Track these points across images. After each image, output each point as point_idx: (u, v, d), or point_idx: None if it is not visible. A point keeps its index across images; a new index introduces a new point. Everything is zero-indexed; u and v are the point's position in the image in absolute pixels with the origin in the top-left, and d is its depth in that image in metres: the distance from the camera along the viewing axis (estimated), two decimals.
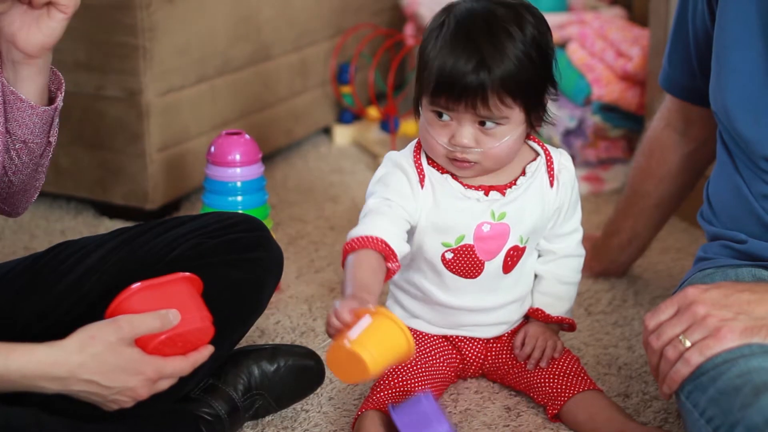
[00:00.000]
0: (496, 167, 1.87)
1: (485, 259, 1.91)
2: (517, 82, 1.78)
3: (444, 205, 1.88)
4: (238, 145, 2.40)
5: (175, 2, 2.77)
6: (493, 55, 1.77)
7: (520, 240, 1.92)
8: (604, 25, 3.14)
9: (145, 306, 1.58)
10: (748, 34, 1.80)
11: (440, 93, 1.80)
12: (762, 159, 1.78)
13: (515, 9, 1.83)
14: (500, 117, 1.80)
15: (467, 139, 1.82)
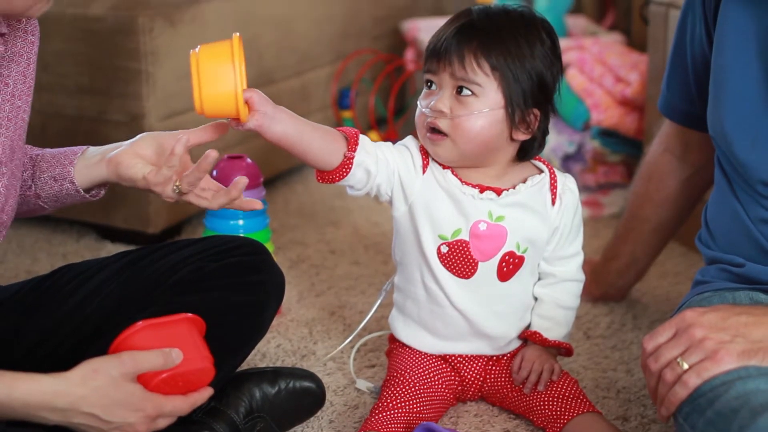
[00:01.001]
0: (468, 148, 1.88)
1: (479, 259, 1.92)
2: (497, 55, 1.84)
3: (441, 196, 1.91)
4: (240, 168, 2.41)
5: (177, 27, 2.79)
6: (484, 25, 1.86)
7: (516, 247, 1.93)
8: (603, 50, 3.16)
9: (148, 344, 1.60)
10: (745, 59, 1.82)
11: (428, 56, 1.88)
12: (759, 183, 1.79)
13: (533, 18, 1.90)
14: (474, 82, 1.84)
15: (442, 104, 1.86)
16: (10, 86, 1.70)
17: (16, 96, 1.71)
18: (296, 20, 3.26)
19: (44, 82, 2.62)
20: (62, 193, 1.82)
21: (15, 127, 1.71)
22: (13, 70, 1.70)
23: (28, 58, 1.73)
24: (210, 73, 1.71)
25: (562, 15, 3.42)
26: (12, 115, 1.70)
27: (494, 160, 1.92)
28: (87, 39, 2.78)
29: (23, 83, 1.72)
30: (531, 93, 1.87)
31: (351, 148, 1.87)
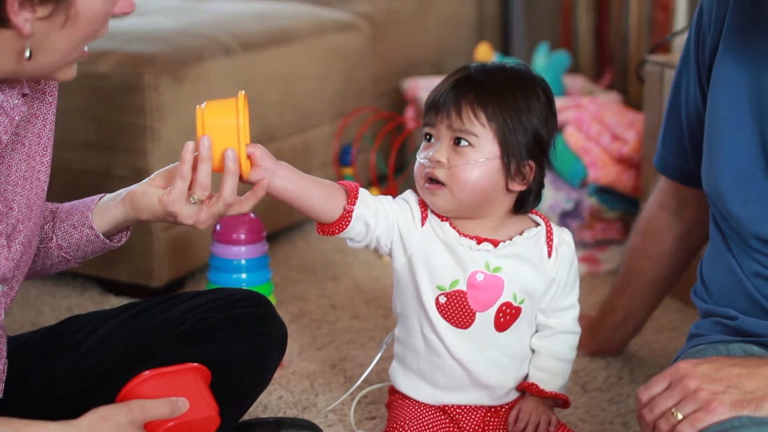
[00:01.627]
0: (464, 198, 1.91)
1: (477, 310, 1.95)
2: (494, 107, 1.89)
3: (439, 247, 1.95)
4: (244, 223, 2.46)
5: (182, 84, 2.84)
6: (482, 78, 1.91)
7: (513, 298, 1.96)
8: (600, 109, 3.19)
9: (155, 392, 1.63)
10: (738, 117, 1.85)
11: (427, 109, 1.93)
12: (752, 238, 1.83)
13: (530, 75, 1.96)
14: (470, 132, 1.89)
15: (439, 154, 1.90)
16: (26, 146, 1.73)
17: (31, 156, 1.74)
18: (298, 79, 3.31)
19: None
20: (83, 240, 1.85)
21: (31, 186, 1.74)
22: (29, 131, 1.74)
23: (44, 119, 1.76)
24: (214, 128, 1.76)
25: (560, 74, 3.46)
26: (28, 175, 1.74)
27: (491, 211, 1.96)
28: (94, 95, 2.83)
29: (38, 144, 1.75)
30: (526, 145, 1.91)
31: (350, 202, 1.91)
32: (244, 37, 3.11)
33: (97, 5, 1.57)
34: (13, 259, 1.70)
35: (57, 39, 1.57)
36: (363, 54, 3.62)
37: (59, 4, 1.53)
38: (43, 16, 1.53)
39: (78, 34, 1.58)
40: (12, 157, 1.71)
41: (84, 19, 1.56)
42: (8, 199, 1.70)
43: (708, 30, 1.95)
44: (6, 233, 1.69)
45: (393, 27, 3.82)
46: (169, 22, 3.18)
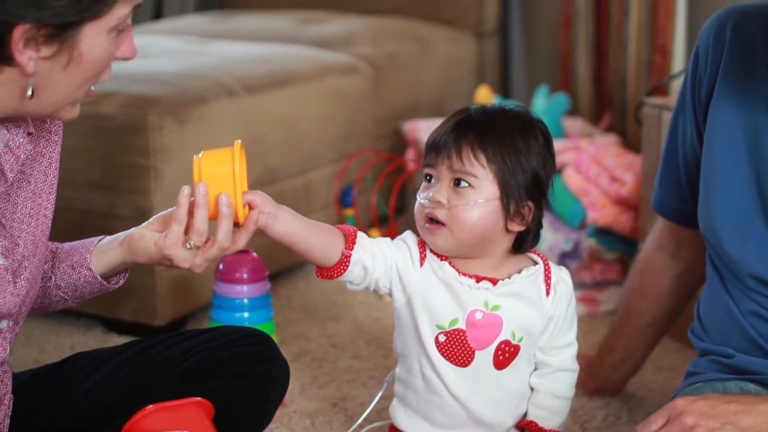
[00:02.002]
0: (464, 236, 1.93)
1: (476, 348, 1.96)
2: (494, 149, 1.91)
3: (438, 287, 1.96)
4: (246, 262, 2.48)
5: (185, 125, 2.87)
6: (481, 120, 1.94)
7: (512, 336, 1.97)
8: (598, 151, 3.22)
9: (159, 426, 1.66)
10: (734, 158, 1.88)
11: (429, 149, 1.96)
12: (749, 277, 1.85)
13: (528, 116, 1.98)
14: (470, 173, 1.91)
15: (440, 195, 1.93)
16: (32, 184, 1.76)
17: (37, 194, 1.76)
18: (301, 121, 3.33)
19: None
20: (80, 281, 1.88)
21: (37, 224, 1.77)
22: (35, 169, 1.76)
23: (50, 158, 1.79)
24: (210, 177, 1.79)
25: (559, 117, 3.49)
26: (34, 212, 1.76)
27: (490, 250, 1.98)
28: (98, 136, 2.85)
29: (44, 182, 1.77)
30: (525, 186, 1.94)
31: (348, 246, 1.94)
32: (247, 79, 3.15)
33: (100, 48, 1.60)
34: (18, 295, 1.72)
35: (60, 79, 1.60)
36: (364, 96, 3.66)
37: (63, 45, 1.56)
38: (47, 55, 1.56)
39: (81, 75, 1.61)
40: (18, 194, 1.74)
41: (87, 61, 1.60)
42: (14, 236, 1.73)
43: (704, 73, 1.98)
44: (12, 269, 1.71)
45: (394, 70, 3.85)
46: (173, 64, 3.21)
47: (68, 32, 1.56)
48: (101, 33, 1.60)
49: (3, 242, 1.71)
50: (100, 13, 1.58)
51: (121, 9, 1.61)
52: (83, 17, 1.56)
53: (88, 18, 1.57)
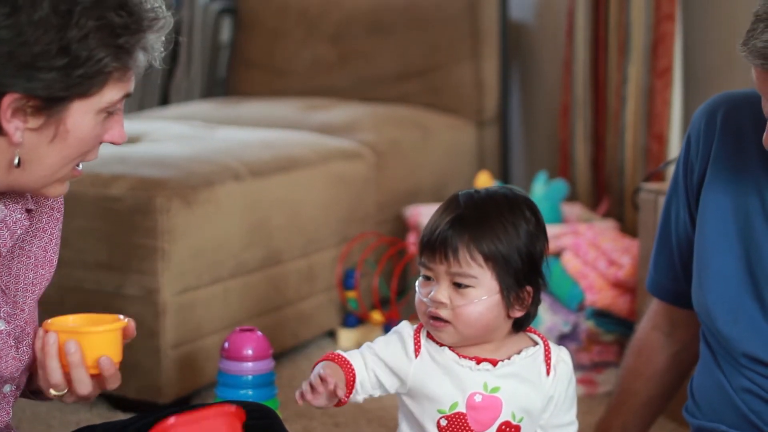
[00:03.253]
0: (469, 332, 1.95)
1: (477, 430, 1.97)
2: (489, 246, 1.92)
3: (437, 372, 1.97)
4: (251, 341, 2.52)
5: (192, 208, 2.92)
6: (472, 216, 1.93)
7: (512, 417, 1.99)
8: (596, 235, 3.26)
9: None
10: (726, 240, 1.93)
11: (422, 249, 1.96)
12: (741, 355, 1.89)
13: (516, 198, 1.99)
14: (470, 275, 1.92)
15: (441, 295, 1.93)
16: (32, 259, 1.79)
17: (39, 266, 1.80)
18: (304, 204, 3.38)
19: (64, 257, 2.71)
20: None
21: (39, 291, 1.81)
22: (35, 245, 1.80)
23: (51, 233, 1.82)
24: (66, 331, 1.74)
25: (558, 202, 3.52)
26: (36, 281, 1.80)
27: (493, 337, 2.01)
28: (107, 217, 2.90)
29: (44, 257, 1.81)
30: (522, 272, 1.95)
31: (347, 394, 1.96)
32: (252, 163, 3.20)
33: (87, 127, 1.64)
34: (21, 360, 1.76)
35: (46, 153, 1.63)
36: (367, 181, 3.71)
37: (50, 119, 1.60)
38: (34, 127, 1.60)
39: (67, 151, 1.64)
40: (18, 267, 1.77)
41: (73, 137, 1.63)
42: (18, 302, 1.77)
43: (696, 158, 2.04)
44: (14, 335, 1.75)
45: (396, 156, 3.91)
46: (181, 148, 3.27)
47: (56, 106, 1.60)
48: (89, 112, 1.63)
49: (5, 308, 1.75)
50: (89, 92, 1.61)
51: (111, 94, 1.64)
52: (71, 93, 1.60)
53: (76, 95, 1.60)
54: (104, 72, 1.61)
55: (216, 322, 3.05)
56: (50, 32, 1.56)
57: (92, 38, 1.58)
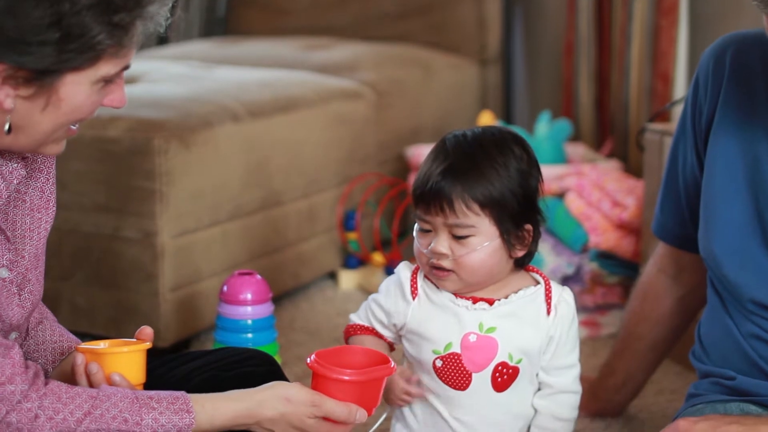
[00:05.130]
0: (473, 280, 1.94)
1: (472, 371, 1.96)
2: (483, 192, 1.89)
3: (434, 313, 1.97)
4: (250, 284, 2.50)
5: (191, 149, 2.89)
6: (462, 164, 1.90)
7: (509, 358, 1.97)
8: (600, 176, 3.23)
9: (345, 396, 1.75)
10: (734, 186, 1.90)
11: (417, 200, 1.94)
12: (749, 301, 1.86)
13: (503, 137, 1.96)
14: (468, 225, 1.90)
15: (441, 247, 1.92)
16: (27, 202, 1.76)
17: (35, 210, 1.77)
18: (304, 145, 3.35)
19: (62, 200, 2.69)
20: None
21: (38, 237, 1.77)
22: (31, 186, 1.76)
23: (48, 173, 1.79)
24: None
25: (561, 142, 3.50)
26: (34, 226, 1.77)
27: (497, 278, 1.99)
28: (104, 159, 2.87)
29: (40, 198, 1.78)
30: (520, 212, 1.93)
31: None
32: (251, 104, 3.17)
33: (81, 96, 1.60)
34: (24, 307, 1.74)
35: (38, 120, 1.59)
36: (367, 121, 3.68)
37: (42, 89, 1.56)
38: (25, 95, 1.56)
39: (60, 119, 1.61)
40: (15, 213, 1.75)
41: (67, 105, 1.59)
42: (19, 249, 1.74)
43: (704, 101, 2.00)
44: (17, 282, 1.73)
45: (397, 95, 3.87)
46: (179, 89, 3.24)
47: (48, 78, 1.56)
48: (83, 83, 1.59)
49: (8, 255, 1.72)
50: (82, 67, 1.57)
51: (107, 68, 1.60)
52: (63, 67, 1.56)
53: (68, 69, 1.56)
54: (97, 49, 1.56)
55: (215, 265, 3.03)
56: (42, 5, 1.52)
57: (86, 14, 1.53)
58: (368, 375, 1.78)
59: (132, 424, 1.62)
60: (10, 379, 1.56)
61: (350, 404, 1.76)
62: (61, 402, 1.59)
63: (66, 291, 2.95)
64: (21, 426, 1.56)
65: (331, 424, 1.76)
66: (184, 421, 1.65)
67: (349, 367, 1.79)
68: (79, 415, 1.59)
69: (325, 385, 1.76)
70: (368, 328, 2.04)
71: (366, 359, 1.85)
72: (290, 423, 1.73)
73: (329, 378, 1.76)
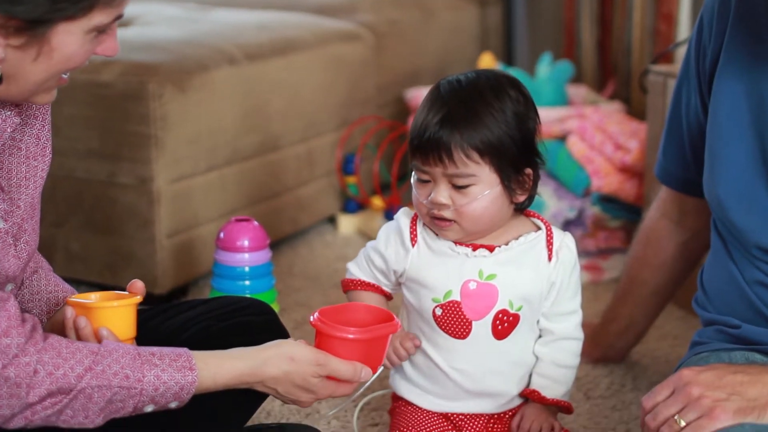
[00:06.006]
0: (475, 229, 1.93)
1: (472, 319, 1.95)
2: (482, 140, 1.87)
3: (433, 261, 1.96)
4: (247, 231, 2.47)
5: (187, 93, 2.85)
6: (459, 112, 1.88)
7: (510, 305, 1.95)
8: (603, 118, 3.20)
9: (349, 354, 1.73)
10: (739, 128, 1.86)
11: (414, 150, 1.91)
12: (754, 247, 1.83)
13: (498, 80, 1.93)
14: (468, 174, 1.88)
15: (442, 197, 1.90)
16: (22, 150, 1.74)
17: (30, 157, 1.75)
18: (302, 88, 3.32)
19: (56, 146, 2.63)
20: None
21: (34, 185, 1.75)
22: (26, 133, 1.74)
23: (43, 119, 1.77)
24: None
25: (563, 84, 3.47)
26: (30, 175, 1.75)
27: (499, 225, 1.97)
28: (98, 104, 2.84)
29: (36, 145, 1.75)
30: (519, 157, 1.91)
31: None
32: (248, 47, 3.13)
33: (74, 46, 1.57)
34: (20, 257, 1.72)
35: (30, 69, 1.57)
36: (366, 64, 3.64)
37: (33, 39, 1.53)
38: (16, 45, 1.53)
39: (52, 68, 1.58)
40: (11, 161, 1.72)
41: (59, 55, 1.57)
42: (14, 199, 1.72)
43: (708, 42, 1.96)
44: (12, 232, 1.70)
45: (396, 37, 3.84)
46: (174, 31, 3.19)
47: (39, 28, 1.53)
48: (76, 33, 1.56)
49: (2, 206, 1.70)
50: (75, 17, 1.55)
51: (100, 18, 1.57)
52: (56, 16, 1.53)
53: (60, 18, 1.54)
54: None
55: (212, 211, 3.00)
56: None
57: None
58: (373, 333, 1.75)
59: (134, 381, 1.60)
60: (6, 332, 1.54)
61: (355, 363, 1.74)
62: (62, 357, 1.56)
63: (61, 237, 2.93)
64: (19, 381, 1.53)
65: (335, 382, 1.75)
66: (186, 378, 1.63)
67: (353, 325, 1.76)
68: (80, 371, 1.57)
69: (329, 343, 1.73)
70: (368, 284, 2.03)
71: (369, 316, 1.83)
72: (294, 382, 1.72)
73: (333, 336, 1.73)
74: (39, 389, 1.54)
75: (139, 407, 1.62)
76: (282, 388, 1.72)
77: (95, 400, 1.58)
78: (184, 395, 1.64)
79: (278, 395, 1.75)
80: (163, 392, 1.62)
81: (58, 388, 1.55)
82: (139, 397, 1.61)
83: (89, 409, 1.58)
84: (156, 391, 1.61)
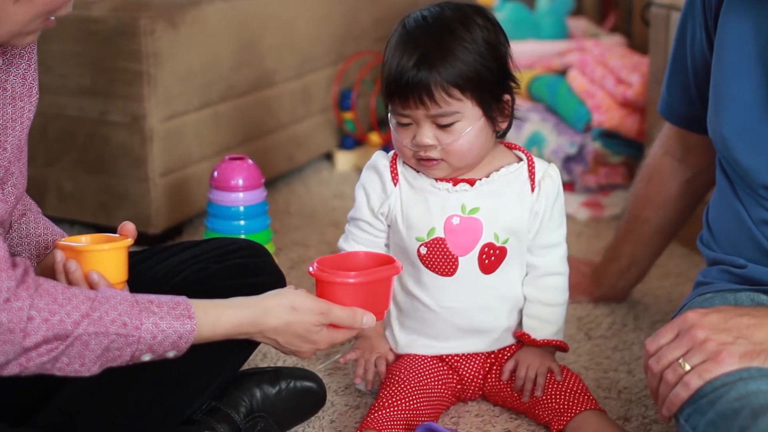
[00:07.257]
0: (463, 164, 1.91)
1: (458, 254, 1.94)
2: (461, 75, 1.84)
3: (415, 200, 1.95)
4: (241, 170, 2.43)
5: (179, 29, 2.80)
6: (433, 51, 1.84)
7: (495, 238, 1.94)
8: (604, 52, 3.17)
9: (351, 300, 1.70)
10: (746, 65, 1.82)
11: (392, 95, 1.89)
12: (761, 187, 1.80)
13: (463, 11, 1.90)
14: (452, 112, 1.86)
15: (427, 138, 1.88)
16: (8, 90, 1.70)
17: (17, 98, 1.71)
18: (297, 22, 3.27)
19: (46, 84, 2.62)
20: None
21: (21, 127, 1.72)
22: (11, 74, 1.71)
23: (29, 58, 1.73)
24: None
25: (563, 17, 3.44)
26: (16, 116, 1.71)
27: (485, 157, 1.94)
28: (88, 40, 2.79)
29: (22, 85, 1.72)
30: (497, 86, 1.90)
31: None
32: None
33: None
34: (7, 201, 1.70)
35: (12, 11, 1.53)
36: None
37: None
38: None
39: (34, 10, 1.54)
40: None
41: None
42: (0, 141, 1.68)
43: None
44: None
45: None
46: None
47: None
48: None
49: None
50: None
51: None
52: None
53: None
54: None
55: (206, 149, 2.96)
56: None
57: None
58: (374, 275, 1.72)
59: (131, 328, 1.56)
60: None
61: (355, 309, 1.72)
62: (57, 303, 1.52)
63: (52, 177, 2.88)
64: (12, 326, 1.49)
65: (334, 329, 1.73)
66: (185, 327, 1.60)
67: (354, 271, 1.72)
68: (77, 317, 1.53)
69: (330, 291, 1.71)
70: None
71: (370, 262, 1.79)
72: (295, 332, 1.70)
73: (334, 283, 1.70)
74: (35, 336, 1.50)
75: (136, 356, 1.58)
76: (283, 338, 1.70)
77: (92, 347, 1.54)
78: (182, 344, 1.60)
79: (278, 346, 1.72)
80: (161, 341, 1.58)
81: (54, 334, 1.51)
82: (136, 345, 1.57)
83: (85, 357, 1.54)
84: (154, 340, 1.58)
